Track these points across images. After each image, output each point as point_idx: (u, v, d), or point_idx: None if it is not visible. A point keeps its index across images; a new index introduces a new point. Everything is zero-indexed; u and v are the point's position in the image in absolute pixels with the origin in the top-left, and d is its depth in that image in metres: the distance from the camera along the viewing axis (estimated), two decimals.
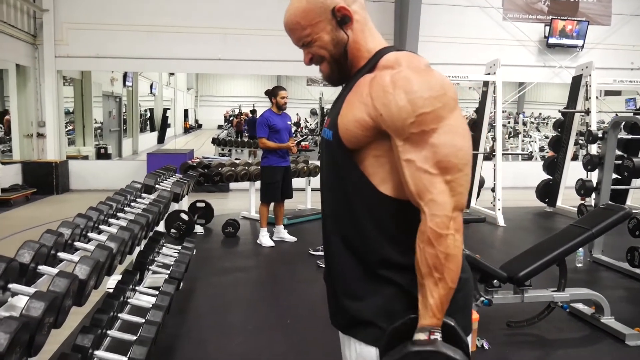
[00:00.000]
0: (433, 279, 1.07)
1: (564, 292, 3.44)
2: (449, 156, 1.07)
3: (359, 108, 1.14)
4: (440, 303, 1.07)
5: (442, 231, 1.06)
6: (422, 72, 1.11)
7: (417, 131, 1.07)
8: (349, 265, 1.23)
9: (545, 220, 7.64)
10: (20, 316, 1.48)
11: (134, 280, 2.91)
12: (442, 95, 1.08)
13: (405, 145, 1.09)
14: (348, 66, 1.25)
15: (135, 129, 17.02)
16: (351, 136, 1.16)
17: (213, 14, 9.97)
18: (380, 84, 1.11)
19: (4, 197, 7.92)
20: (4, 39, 8.63)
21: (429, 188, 1.07)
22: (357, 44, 1.23)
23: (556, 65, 11.10)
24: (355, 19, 1.22)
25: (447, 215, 1.06)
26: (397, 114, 1.08)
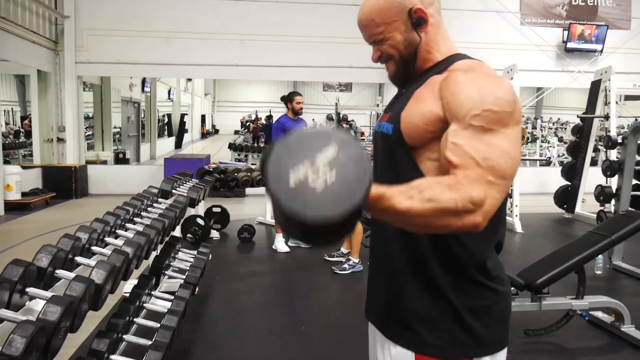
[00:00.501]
0: (409, 192, 0.95)
1: (583, 300, 3.39)
2: (500, 158, 1.01)
3: (428, 102, 1.12)
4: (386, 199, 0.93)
5: (455, 195, 0.95)
6: (497, 77, 1.10)
7: (478, 125, 1.03)
8: (401, 266, 1.20)
9: (564, 227, 7.53)
10: (37, 320, 1.50)
11: (150, 285, 2.93)
12: (512, 103, 1.06)
13: (459, 131, 1.04)
14: (415, 68, 1.24)
15: (153, 134, 17.20)
16: (413, 130, 1.13)
17: (230, 20, 10.05)
18: (454, 78, 1.10)
19: (24, 201, 8.05)
20: (26, 45, 8.80)
21: (470, 169, 1.00)
22: (429, 46, 1.22)
23: (575, 70, 10.97)
24: (430, 22, 1.21)
25: (472, 197, 0.96)
26: (464, 102, 1.05)
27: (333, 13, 9.86)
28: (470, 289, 1.15)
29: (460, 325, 1.14)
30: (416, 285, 1.17)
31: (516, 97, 1.08)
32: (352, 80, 15.68)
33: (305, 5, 10.04)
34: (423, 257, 1.16)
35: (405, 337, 1.19)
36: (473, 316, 1.14)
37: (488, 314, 1.14)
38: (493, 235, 1.19)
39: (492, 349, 1.17)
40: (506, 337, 1.21)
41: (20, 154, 12.37)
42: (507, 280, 1.22)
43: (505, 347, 1.20)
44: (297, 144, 0.86)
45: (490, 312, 1.13)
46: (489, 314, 1.13)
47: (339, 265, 4.90)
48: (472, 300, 1.15)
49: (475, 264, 1.15)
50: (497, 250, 1.24)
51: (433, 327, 1.15)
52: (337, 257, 5.16)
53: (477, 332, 1.14)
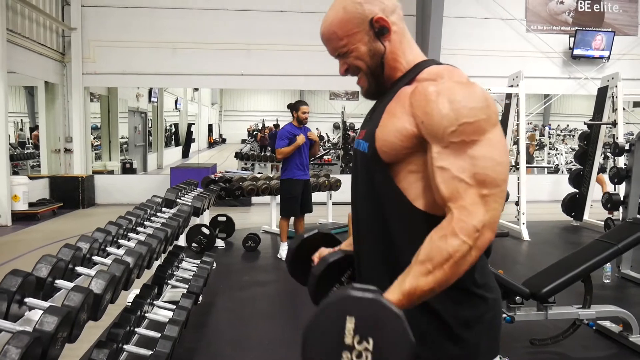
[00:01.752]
0: (425, 268, 1.00)
1: (590, 309, 3.34)
2: (487, 169, 1.03)
3: (400, 118, 1.12)
4: (414, 291, 0.99)
5: (462, 236, 0.99)
6: (465, 84, 1.09)
7: (457, 140, 1.04)
8: (380, 280, 1.18)
9: (572, 235, 7.47)
10: (34, 330, 1.49)
11: (152, 295, 2.92)
12: (486, 108, 1.06)
13: (442, 153, 1.05)
14: (385, 78, 1.23)
15: (160, 143, 17.28)
16: (389, 148, 1.13)
17: (236, 30, 10.11)
18: (423, 93, 1.09)
19: (32, 211, 8.09)
20: (33, 57, 8.89)
21: (463, 195, 1.02)
22: (395, 55, 1.21)
23: (582, 77, 10.93)
24: (393, 30, 1.20)
25: (475, 226, 1.00)
26: (439, 121, 1.05)
27: None
28: (458, 297, 1.13)
29: (449, 337, 1.12)
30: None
31: (489, 99, 1.08)
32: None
33: (310, 15, 10.07)
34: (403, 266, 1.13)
35: None
36: (463, 327, 1.12)
37: (478, 323, 1.12)
38: None
39: (486, 358, 1.14)
40: (497, 345, 1.19)
41: (28, 165, 12.47)
42: (497, 287, 1.20)
43: (496, 355, 1.18)
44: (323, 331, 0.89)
45: (481, 321, 1.10)
46: (480, 322, 1.11)
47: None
48: (461, 310, 1.12)
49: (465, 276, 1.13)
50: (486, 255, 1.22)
51: (422, 342, 1.11)
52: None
53: (468, 342, 1.11)
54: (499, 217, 1.05)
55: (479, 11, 10.57)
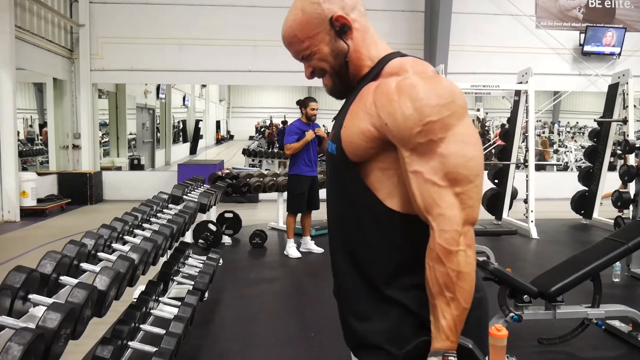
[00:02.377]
0: (445, 298, 1.02)
1: (599, 308, 3.31)
2: (458, 167, 1.01)
3: (363, 119, 1.10)
4: (453, 324, 1.02)
5: (452, 247, 1.00)
6: (429, 78, 1.06)
7: (425, 141, 1.02)
8: (355, 284, 1.18)
9: (581, 233, 7.40)
10: (36, 327, 1.48)
11: (157, 291, 2.91)
12: (450, 102, 1.03)
13: (412, 155, 1.04)
14: (350, 77, 1.20)
15: (168, 140, 17.32)
16: (355, 149, 1.11)
17: (243, 26, 10.09)
18: (385, 91, 1.07)
19: (40, 207, 8.13)
20: (42, 53, 8.92)
21: (437, 201, 1.02)
22: (359, 52, 1.18)
23: (592, 74, 10.82)
24: (354, 27, 1.17)
25: (457, 230, 1.01)
26: (403, 123, 1.03)
27: None
28: None
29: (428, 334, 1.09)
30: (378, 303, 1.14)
31: (454, 92, 1.05)
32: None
33: None
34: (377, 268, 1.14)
35: (373, 357, 1.15)
36: None
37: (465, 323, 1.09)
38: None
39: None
40: (484, 345, 1.16)
41: (37, 161, 12.54)
42: (482, 286, 1.18)
43: (486, 355, 1.15)
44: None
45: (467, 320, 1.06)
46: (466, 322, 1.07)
47: None
48: None
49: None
50: None
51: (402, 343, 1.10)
52: None
53: None
54: (478, 210, 1.05)
55: (488, 7, 10.48)
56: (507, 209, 7.74)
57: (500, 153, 7.98)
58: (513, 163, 7.66)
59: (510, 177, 7.68)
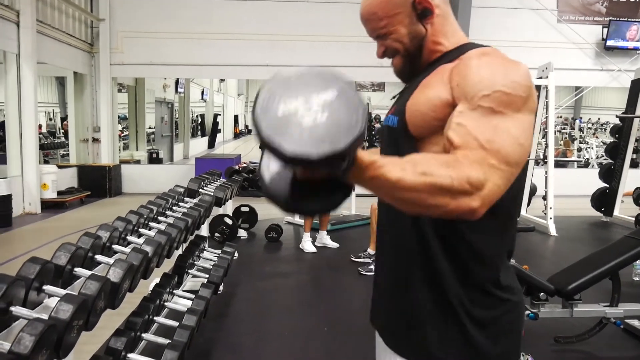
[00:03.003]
0: (403, 162, 0.88)
1: (618, 307, 3.25)
2: (506, 142, 0.93)
3: (435, 88, 1.05)
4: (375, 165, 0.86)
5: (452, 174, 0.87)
6: (513, 61, 1.02)
7: (487, 106, 0.96)
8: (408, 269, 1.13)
9: (601, 231, 7.29)
10: (49, 318, 1.50)
11: (171, 284, 2.93)
12: (528, 88, 0.98)
13: (466, 112, 0.97)
14: (422, 61, 1.17)
15: (186, 134, 17.45)
16: (420, 119, 1.06)
17: (261, 21, 10.11)
18: (466, 63, 1.03)
19: (60, 200, 8.25)
20: (63, 48, 9.03)
21: (472, 150, 0.92)
22: (436, 37, 1.15)
23: (614, 69, 10.61)
24: (436, 13, 1.13)
25: (469, 178, 0.88)
26: (474, 82, 0.98)
27: None
28: (478, 297, 1.08)
29: (464, 335, 1.07)
30: (421, 292, 1.11)
31: (532, 84, 1.00)
32: (385, 79, 15.62)
33: (335, 5, 10.01)
34: (432, 265, 1.09)
35: (404, 345, 1.14)
36: (477, 327, 1.07)
37: (494, 325, 1.06)
38: (505, 240, 1.12)
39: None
40: (516, 349, 1.13)
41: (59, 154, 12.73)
42: (519, 289, 1.15)
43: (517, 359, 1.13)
44: (297, 80, 0.84)
45: (497, 322, 1.05)
46: (495, 324, 1.05)
47: (365, 266, 4.84)
48: (478, 311, 1.07)
49: (488, 276, 1.08)
50: (508, 256, 1.17)
51: (437, 338, 1.08)
52: (364, 258, 5.10)
53: (480, 344, 1.06)
54: (496, 197, 0.92)
55: (509, 1, 10.34)
56: (525, 205, 7.65)
57: None
58: (532, 159, 7.55)
59: (529, 174, 7.58)
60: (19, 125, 7.62)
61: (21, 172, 7.66)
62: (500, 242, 1.10)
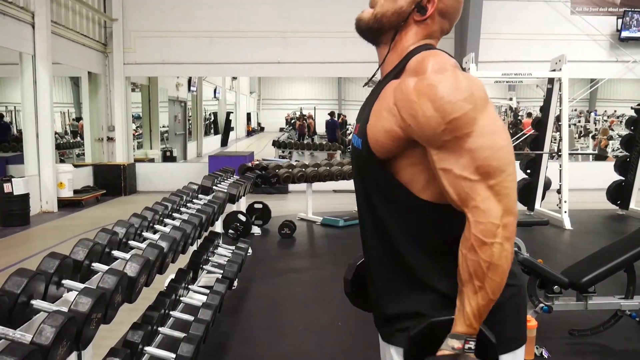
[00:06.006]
0: (473, 286, 1.02)
1: (633, 299, 3.23)
2: (488, 159, 1.01)
3: (387, 118, 1.10)
4: (477, 312, 1.02)
5: (488, 239, 1.00)
6: (446, 75, 1.04)
7: (451, 138, 1.02)
8: (387, 273, 1.20)
9: (617, 224, 7.22)
10: (69, 311, 1.54)
11: (187, 279, 2.97)
12: (470, 96, 1.02)
13: (440, 153, 1.04)
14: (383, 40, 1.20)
15: (199, 132, 17.54)
16: (381, 147, 1.11)
17: (273, 18, 10.14)
18: (405, 93, 1.07)
19: (76, 198, 8.37)
20: (77, 48, 9.14)
21: (472, 195, 1.02)
22: (407, 41, 1.17)
23: (630, 60, 10.48)
24: (427, 22, 1.17)
25: (494, 222, 1.00)
26: (426, 123, 1.03)
27: None
28: None
29: None
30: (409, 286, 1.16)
31: (473, 84, 1.03)
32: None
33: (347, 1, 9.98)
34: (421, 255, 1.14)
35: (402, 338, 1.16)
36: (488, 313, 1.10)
37: (500, 310, 1.09)
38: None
39: (508, 346, 1.12)
40: (522, 335, 1.17)
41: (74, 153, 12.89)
42: (520, 274, 1.19)
43: (523, 344, 1.16)
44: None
45: (502, 307, 1.08)
46: (501, 309, 1.08)
47: None
48: None
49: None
50: None
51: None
52: None
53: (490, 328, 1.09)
54: (515, 199, 1.04)
55: None
56: (539, 199, 7.60)
57: (532, 142, 7.82)
58: (546, 153, 7.50)
59: (543, 167, 7.53)
60: (35, 125, 7.73)
61: (38, 171, 7.78)
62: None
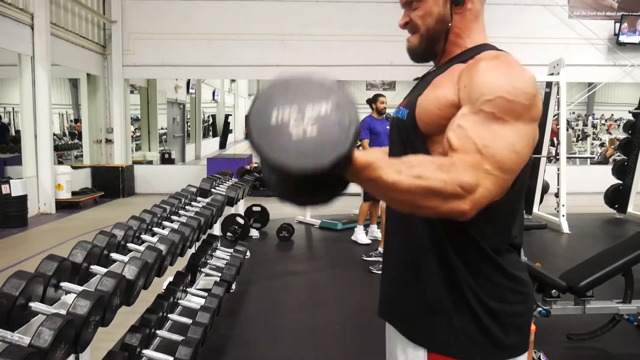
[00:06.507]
0: (398, 164, 0.92)
1: (631, 303, 3.23)
2: (503, 149, 0.96)
3: (445, 88, 1.09)
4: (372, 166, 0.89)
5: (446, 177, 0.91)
6: (519, 68, 1.04)
7: (488, 111, 0.98)
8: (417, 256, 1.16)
9: (615, 228, 7.23)
10: (67, 313, 1.54)
11: (185, 282, 2.97)
12: (531, 96, 1.00)
13: (468, 115, 1.00)
14: (439, 49, 1.19)
15: (198, 134, 17.54)
16: (427, 117, 1.10)
17: (271, 21, 10.15)
18: (475, 65, 1.06)
19: (74, 200, 8.36)
20: (77, 50, 9.14)
21: (469, 153, 0.96)
22: (460, 31, 1.17)
23: (627, 64, 10.51)
24: (468, 7, 1.16)
25: (462, 182, 0.92)
26: (479, 86, 1.01)
27: (373, 10, 9.79)
28: (488, 287, 1.10)
29: (476, 324, 1.09)
30: (431, 277, 1.13)
31: (537, 92, 1.02)
32: (395, 78, 15.64)
33: (345, 4, 10.03)
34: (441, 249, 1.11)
35: (418, 332, 1.16)
36: (490, 317, 1.09)
37: (506, 316, 1.09)
38: (505, 231, 1.14)
39: (511, 353, 1.12)
40: (526, 341, 1.15)
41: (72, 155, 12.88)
42: (529, 283, 1.17)
43: (525, 351, 1.14)
44: (296, 86, 0.84)
45: (509, 314, 1.08)
46: (507, 315, 1.08)
47: (376, 265, 4.85)
48: (492, 302, 1.10)
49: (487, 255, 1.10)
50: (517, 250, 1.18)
51: (448, 324, 1.10)
52: (375, 256, 5.11)
53: (493, 333, 1.09)
54: (487, 201, 0.96)
55: None
56: (537, 203, 7.61)
57: None
58: (544, 156, 7.52)
59: (541, 171, 7.54)
60: (33, 127, 7.72)
61: (36, 172, 7.77)
62: (499, 231, 1.12)
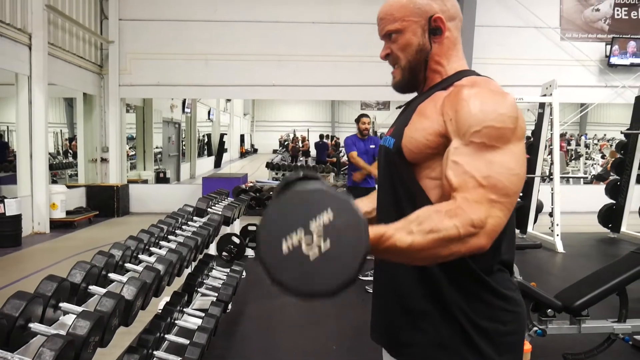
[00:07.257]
0: (409, 226, 0.95)
1: (626, 323, 3.25)
2: (502, 176, 1.00)
3: (430, 117, 1.12)
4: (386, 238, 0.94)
5: (456, 222, 0.95)
6: (501, 93, 1.09)
7: (479, 141, 1.02)
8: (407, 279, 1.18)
9: (609, 247, 7.27)
10: (67, 334, 1.54)
11: (182, 302, 2.97)
12: (515, 119, 1.05)
13: (460, 149, 1.04)
14: (421, 78, 1.23)
15: (193, 153, 17.56)
16: (414, 146, 1.13)
17: (267, 41, 10.25)
18: (457, 94, 1.09)
19: (69, 219, 8.32)
20: (73, 69, 9.19)
21: (471, 191, 0.99)
22: (440, 58, 1.21)
23: (619, 85, 10.67)
24: (446, 35, 1.20)
25: (473, 220, 0.96)
26: (466, 119, 1.04)
27: (368, 32, 9.88)
28: (479, 307, 1.12)
29: (469, 345, 1.11)
30: (420, 301, 1.15)
31: (519, 113, 1.07)
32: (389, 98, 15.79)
33: (341, 26, 10.15)
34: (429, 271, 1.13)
35: (411, 355, 1.17)
36: (482, 337, 1.11)
37: (498, 335, 1.11)
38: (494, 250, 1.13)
39: None
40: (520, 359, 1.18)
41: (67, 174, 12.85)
42: (521, 302, 1.19)
43: None
44: (291, 207, 0.87)
45: (501, 333, 1.10)
46: (500, 335, 1.10)
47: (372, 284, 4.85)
48: (480, 320, 1.11)
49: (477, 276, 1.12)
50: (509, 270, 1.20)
51: (439, 345, 1.12)
52: (371, 275, 5.11)
53: (486, 353, 1.10)
54: (500, 228, 1.00)
55: (512, 20, 10.45)
56: (532, 222, 7.65)
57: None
58: (538, 176, 7.58)
59: (535, 190, 7.60)
60: (29, 146, 7.72)
61: (31, 192, 7.74)
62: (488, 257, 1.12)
